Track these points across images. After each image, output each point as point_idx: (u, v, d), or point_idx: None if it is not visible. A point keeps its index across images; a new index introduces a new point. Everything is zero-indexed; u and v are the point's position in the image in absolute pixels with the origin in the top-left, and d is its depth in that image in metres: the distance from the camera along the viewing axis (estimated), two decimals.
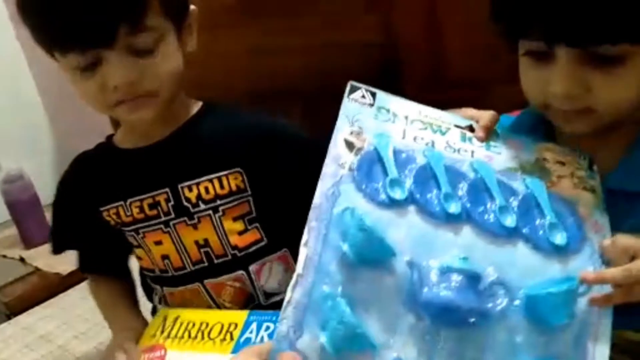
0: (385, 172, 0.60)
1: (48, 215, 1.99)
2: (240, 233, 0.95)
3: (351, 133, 0.63)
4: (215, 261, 0.95)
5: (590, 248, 0.59)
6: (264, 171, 0.93)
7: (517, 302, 0.55)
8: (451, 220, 0.58)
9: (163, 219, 0.93)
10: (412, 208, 0.58)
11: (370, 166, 0.61)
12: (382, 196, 0.58)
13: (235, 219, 0.94)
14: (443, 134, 0.66)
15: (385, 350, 0.52)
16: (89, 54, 0.79)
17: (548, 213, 0.60)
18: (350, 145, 0.62)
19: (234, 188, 0.92)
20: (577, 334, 0.55)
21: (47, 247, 1.91)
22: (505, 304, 0.55)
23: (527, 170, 0.64)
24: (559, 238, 0.58)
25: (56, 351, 1.36)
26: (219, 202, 0.92)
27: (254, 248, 0.96)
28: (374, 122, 0.65)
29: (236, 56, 1.33)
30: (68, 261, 1.76)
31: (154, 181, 0.93)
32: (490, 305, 0.54)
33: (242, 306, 0.98)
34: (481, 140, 0.68)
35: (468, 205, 0.59)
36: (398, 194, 0.58)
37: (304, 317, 0.52)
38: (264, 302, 0.98)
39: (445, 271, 0.55)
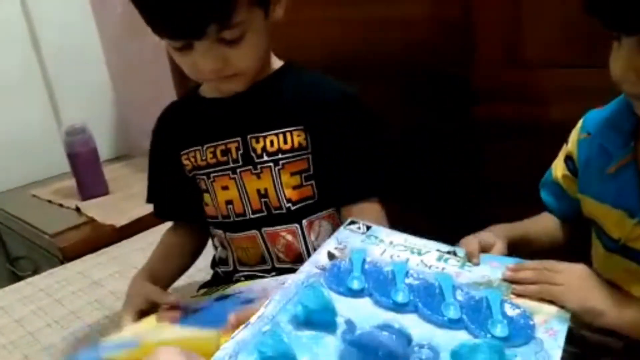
0: (350, 274, 0.69)
1: (105, 170, 2.07)
2: (295, 187, 0.99)
3: (335, 248, 0.76)
4: (273, 212, 1.00)
5: (538, 346, 0.60)
6: (326, 133, 0.97)
7: None
8: (398, 308, 0.65)
9: (231, 165, 1.00)
10: (365, 299, 0.67)
11: (340, 269, 0.71)
12: (342, 288, 0.67)
13: (292, 174, 0.99)
14: (420, 254, 0.75)
15: None
16: (181, 41, 0.87)
17: (496, 313, 0.63)
18: (331, 256, 0.75)
19: (296, 144, 0.97)
20: None
21: (102, 200, 2.01)
22: (428, 357, 0.58)
23: (492, 285, 0.69)
24: (499, 330, 0.61)
25: (108, 296, 1.40)
26: (280, 155, 0.98)
27: (305, 203, 1.01)
28: (360, 243, 0.77)
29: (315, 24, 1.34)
30: (123, 214, 1.85)
31: (228, 130, 1.00)
32: (413, 357, 0.57)
33: (293, 261, 1.02)
34: (475, 263, 0.74)
35: (417, 300, 0.66)
36: (355, 285, 0.67)
37: (242, 348, 0.58)
38: None
39: (380, 326, 0.61)
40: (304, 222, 1.01)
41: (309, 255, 1.01)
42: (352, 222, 0.83)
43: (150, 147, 1.15)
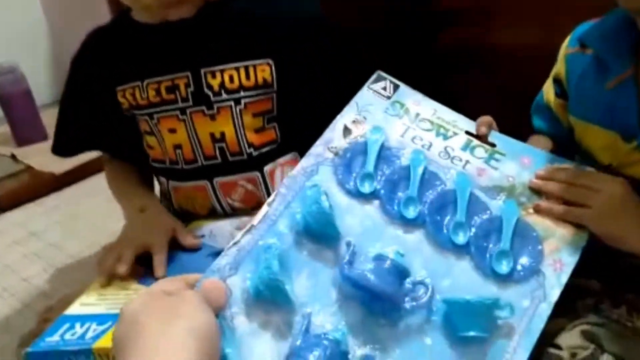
0: (363, 165, 0.62)
1: (42, 116, 1.92)
2: (258, 130, 0.88)
3: (353, 121, 0.65)
4: (230, 159, 0.88)
5: (537, 283, 0.56)
6: (295, 66, 0.85)
7: (435, 306, 0.54)
8: (405, 222, 0.59)
9: (180, 105, 0.86)
10: (373, 203, 0.60)
11: (354, 157, 0.63)
12: (351, 185, 0.61)
13: (255, 115, 0.87)
14: (446, 138, 0.66)
15: (300, 308, 0.53)
16: None
17: (504, 240, 0.58)
18: (346, 131, 0.64)
19: (260, 81, 0.85)
20: (489, 357, 0.53)
21: (40, 146, 1.86)
22: (420, 302, 0.54)
23: (515, 191, 0.62)
24: (503, 266, 0.57)
25: (47, 248, 1.29)
26: (242, 93, 0.85)
27: (268, 148, 0.89)
28: (382, 114, 0.66)
29: None
30: (63, 161, 1.71)
31: (174, 62, 0.85)
32: (406, 299, 0.53)
33: (252, 209, 0.90)
34: (481, 133, 0.66)
35: (426, 212, 0.60)
36: (366, 188, 0.60)
37: (243, 261, 0.54)
38: None
39: (377, 258, 0.55)
40: (266, 168, 0.90)
41: None
42: (379, 79, 0.68)
43: (68, 80, 0.96)
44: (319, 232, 0.57)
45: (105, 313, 0.73)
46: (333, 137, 0.64)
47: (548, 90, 0.81)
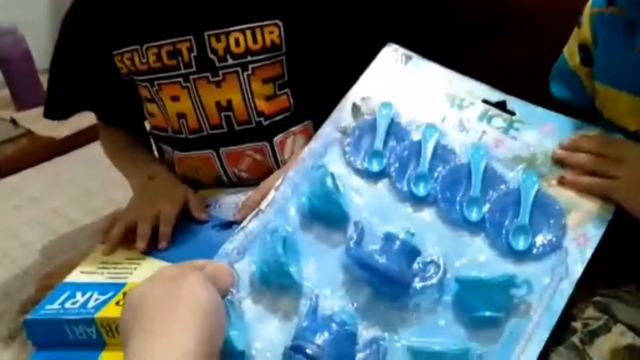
0: (372, 143, 0.60)
1: (43, 79, 1.88)
2: (268, 98, 0.83)
3: (362, 98, 0.62)
4: (237, 128, 0.83)
5: (558, 259, 0.53)
6: (306, 26, 0.80)
7: (446, 286, 0.52)
8: (416, 200, 0.57)
9: (182, 71, 0.81)
10: (383, 181, 0.58)
11: (362, 135, 0.61)
12: (359, 165, 0.59)
13: (265, 81, 0.82)
14: (461, 109, 0.62)
15: (308, 291, 0.52)
16: None
17: (523, 215, 0.55)
18: (355, 109, 0.62)
19: (268, 44, 0.79)
20: (506, 337, 0.50)
21: (40, 110, 1.81)
22: (431, 282, 0.51)
23: (536, 162, 0.58)
24: (521, 242, 0.54)
25: (47, 213, 1.27)
26: (249, 58, 0.80)
27: (280, 117, 0.84)
28: (393, 87, 0.63)
29: None
30: (64, 126, 1.69)
31: (176, 25, 0.80)
32: (416, 280, 0.51)
33: (260, 179, 0.85)
34: None
35: (438, 189, 0.57)
36: (374, 166, 0.58)
37: (250, 245, 0.54)
38: None
39: (387, 237, 0.53)
40: (276, 139, 0.85)
41: None
42: (390, 49, 0.66)
43: (60, 39, 0.90)
44: (326, 214, 0.55)
45: (107, 282, 0.71)
46: (341, 116, 0.62)
47: (572, 55, 0.77)
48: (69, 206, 1.30)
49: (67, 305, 0.68)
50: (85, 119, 1.62)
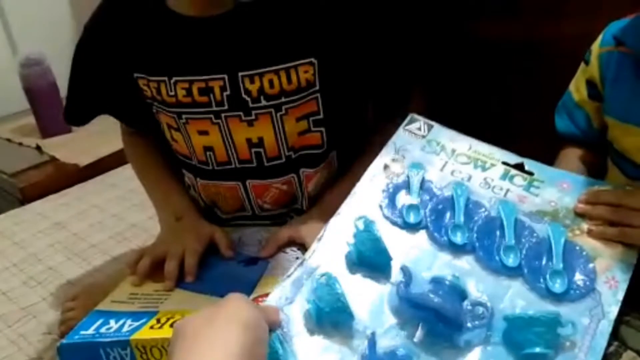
0: (407, 199, 0.63)
1: None
2: (302, 133, 0.81)
3: (393, 160, 0.67)
4: (266, 164, 0.82)
5: (594, 301, 0.55)
6: (340, 62, 0.77)
7: (496, 325, 0.53)
8: (454, 249, 0.59)
9: (214, 108, 0.78)
10: (421, 232, 0.61)
11: (396, 191, 0.64)
12: (397, 217, 0.62)
13: (298, 119, 0.80)
14: (484, 170, 0.66)
15: (360, 328, 0.53)
16: None
17: (556, 260, 0.57)
18: (387, 169, 0.66)
19: (302, 83, 0.77)
20: None
21: (64, 138, 1.86)
22: (482, 322, 0.53)
23: (559, 215, 0.62)
24: (558, 285, 0.56)
25: (71, 238, 1.27)
26: (283, 99, 0.77)
27: (310, 152, 0.83)
28: (420, 152, 0.67)
29: None
30: (87, 153, 1.72)
31: (210, 62, 0.76)
32: (468, 321, 0.53)
33: (282, 207, 0.88)
34: None
35: (475, 237, 0.60)
36: (412, 218, 0.61)
37: (298, 291, 0.55)
38: (305, 207, 0.87)
39: (435, 280, 0.55)
40: (303, 171, 0.84)
41: (302, 204, 0.88)
42: (413, 120, 0.70)
43: (81, 43, 0.86)
44: (371, 260, 0.57)
45: (139, 311, 0.72)
46: (375, 174, 0.66)
47: (578, 90, 0.79)
48: (92, 231, 1.31)
49: (102, 330, 0.69)
50: (107, 147, 1.67)
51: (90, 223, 1.35)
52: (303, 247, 0.80)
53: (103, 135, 1.72)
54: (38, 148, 1.78)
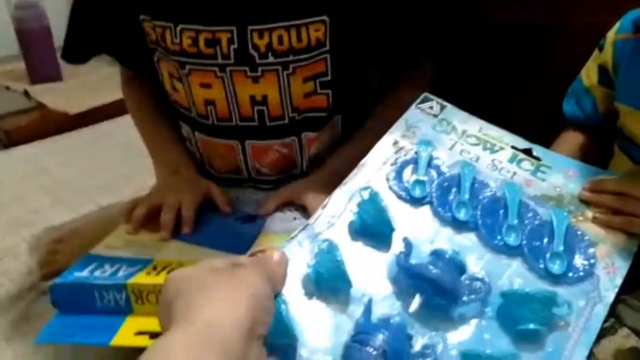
0: (414, 173, 0.63)
1: (59, 54, 1.88)
2: (307, 95, 0.79)
3: (403, 136, 0.66)
4: (268, 123, 0.80)
5: (591, 285, 0.56)
6: (352, 22, 0.76)
7: (492, 301, 0.54)
8: (457, 225, 0.59)
9: (219, 61, 0.76)
10: (425, 207, 0.61)
11: (404, 166, 0.63)
12: (403, 191, 0.61)
13: (305, 80, 0.78)
14: (493, 152, 0.66)
15: (357, 295, 0.53)
16: None
17: (557, 242, 0.58)
18: (396, 145, 0.65)
19: (312, 42, 0.75)
20: (547, 352, 0.52)
21: (54, 85, 1.82)
22: (478, 297, 0.53)
23: (564, 202, 0.63)
24: (557, 267, 0.56)
25: (56, 183, 1.25)
26: (291, 57, 0.75)
27: (314, 114, 0.81)
28: (430, 131, 0.67)
29: None
30: (77, 102, 1.69)
31: (219, 13, 0.74)
32: (464, 294, 0.53)
33: (280, 172, 0.86)
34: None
35: (479, 215, 0.60)
36: (417, 192, 0.61)
37: (299, 254, 0.55)
38: (305, 171, 0.86)
39: (435, 253, 0.55)
40: (306, 135, 0.82)
41: (302, 170, 0.86)
42: (426, 99, 0.70)
43: None
44: (374, 230, 0.57)
45: (134, 257, 0.71)
46: (384, 149, 0.65)
47: (589, 75, 0.80)
48: (79, 178, 1.29)
49: (97, 273, 0.68)
50: (98, 98, 1.64)
51: (78, 171, 1.33)
52: (301, 208, 0.79)
53: (94, 86, 1.70)
54: (26, 93, 1.74)
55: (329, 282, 0.52)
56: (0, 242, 1.05)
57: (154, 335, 0.62)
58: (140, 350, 0.33)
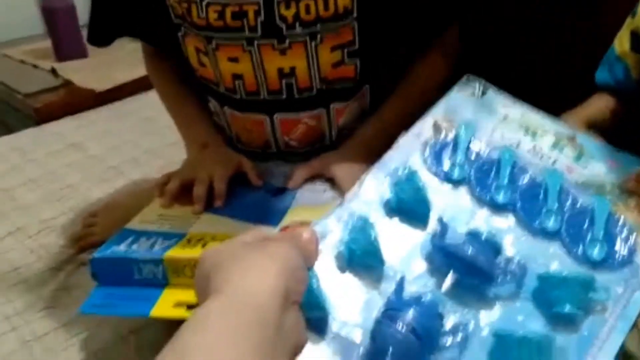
0: (453, 156, 0.61)
1: (84, 34, 1.89)
2: (335, 65, 0.78)
3: (443, 117, 0.64)
4: (296, 95, 0.80)
5: (631, 273, 0.54)
6: None
7: (527, 283, 0.53)
8: (495, 208, 0.58)
9: (247, 34, 0.75)
10: (463, 188, 0.59)
11: (442, 148, 0.62)
12: (441, 173, 0.60)
13: (333, 49, 0.77)
14: (534, 138, 0.65)
15: (390, 273, 0.53)
16: None
17: (598, 230, 0.57)
18: (436, 126, 0.64)
19: (340, 9, 0.74)
20: (582, 335, 0.51)
21: (80, 62, 1.84)
22: (513, 279, 0.52)
23: (605, 190, 0.61)
24: (596, 252, 0.55)
25: (88, 159, 1.27)
26: (319, 27, 0.75)
27: (342, 85, 0.81)
28: (471, 114, 0.65)
29: None
30: (104, 79, 1.70)
31: None
32: (499, 275, 0.52)
33: (308, 145, 0.86)
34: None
35: (518, 198, 0.59)
36: (455, 174, 0.60)
37: (334, 230, 0.54)
38: (334, 142, 0.86)
39: (471, 233, 0.54)
40: (335, 105, 0.82)
41: (331, 141, 0.86)
42: (468, 81, 0.69)
43: None
44: (410, 209, 0.56)
45: (169, 231, 0.72)
46: (423, 129, 0.64)
47: (622, 42, 0.78)
48: (109, 154, 1.30)
49: (134, 247, 0.69)
50: (125, 74, 1.65)
51: (107, 147, 1.34)
52: (331, 181, 0.80)
53: (120, 62, 1.70)
54: (53, 71, 1.75)
55: (362, 260, 0.52)
56: (37, 216, 1.07)
57: (191, 307, 0.63)
58: (179, 321, 0.33)
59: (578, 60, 0.88)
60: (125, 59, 1.62)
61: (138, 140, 1.36)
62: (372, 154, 0.61)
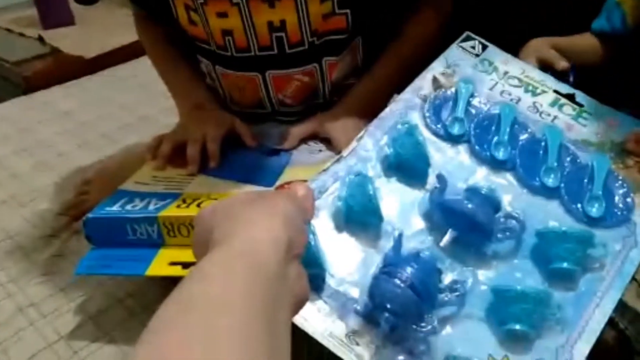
0: (452, 112, 0.60)
1: (70, 1, 1.84)
2: (326, 17, 0.76)
3: (443, 73, 0.64)
4: (287, 50, 0.78)
5: (628, 230, 0.54)
6: None
7: (526, 240, 0.52)
8: (495, 164, 0.57)
9: None
10: (462, 145, 0.59)
11: (443, 103, 0.61)
12: (440, 128, 0.59)
13: (323, 0, 0.75)
14: (534, 95, 0.64)
15: (388, 229, 0.52)
16: None
17: (596, 186, 0.56)
18: (436, 82, 0.63)
19: None
20: (580, 292, 0.51)
21: (67, 30, 1.80)
22: (512, 235, 0.52)
23: (604, 147, 0.60)
24: (595, 210, 0.54)
25: (79, 127, 1.25)
26: None
27: (334, 37, 0.78)
28: (471, 70, 0.65)
29: None
30: (92, 46, 1.66)
31: None
32: (498, 232, 0.51)
33: (302, 103, 0.84)
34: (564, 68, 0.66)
35: (517, 155, 0.58)
36: (455, 130, 0.59)
37: (331, 186, 0.53)
38: (327, 99, 0.84)
39: (469, 190, 0.53)
40: (326, 60, 0.80)
41: (324, 98, 0.84)
42: (468, 38, 0.67)
43: None
44: (409, 164, 0.55)
45: (163, 192, 0.71)
46: (422, 85, 0.62)
47: None
48: (101, 121, 1.28)
49: (128, 207, 0.68)
50: (113, 40, 1.61)
51: (99, 114, 1.32)
52: (326, 141, 0.79)
53: (108, 29, 1.67)
54: (40, 39, 1.70)
55: (360, 216, 0.51)
56: (30, 184, 1.06)
57: (187, 266, 0.63)
58: (175, 279, 0.33)
59: (570, 26, 0.87)
60: (113, 25, 1.59)
61: (130, 107, 1.34)
62: (367, 113, 0.59)
